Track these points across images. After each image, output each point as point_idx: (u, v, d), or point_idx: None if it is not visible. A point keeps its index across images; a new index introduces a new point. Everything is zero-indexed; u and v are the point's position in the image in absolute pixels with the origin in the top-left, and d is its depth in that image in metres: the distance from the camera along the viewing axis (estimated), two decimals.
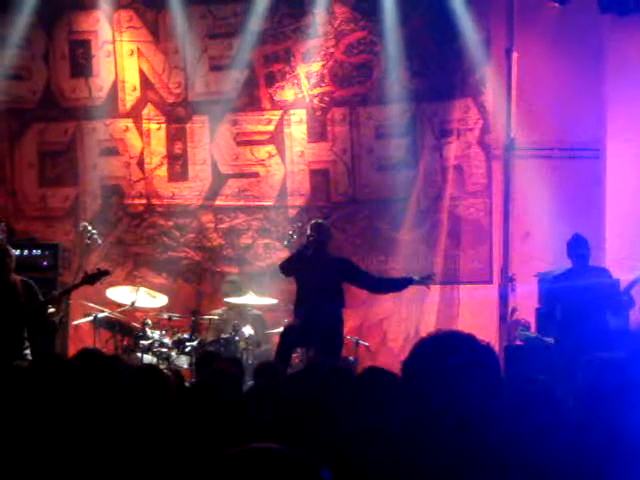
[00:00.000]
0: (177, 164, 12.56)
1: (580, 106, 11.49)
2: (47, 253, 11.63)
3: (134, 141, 12.59)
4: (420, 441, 2.53)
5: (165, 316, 11.25)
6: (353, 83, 12.17)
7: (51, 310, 9.06)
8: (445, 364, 2.53)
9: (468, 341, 2.60)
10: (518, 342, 10.81)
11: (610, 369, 4.69)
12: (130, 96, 12.59)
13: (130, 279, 12.29)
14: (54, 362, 4.46)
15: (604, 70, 11.56)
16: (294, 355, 10.04)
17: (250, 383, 7.40)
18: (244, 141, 12.42)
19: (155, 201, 12.58)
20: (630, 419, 4.07)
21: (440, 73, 11.74)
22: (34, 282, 8.89)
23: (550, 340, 9.95)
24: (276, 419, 3.61)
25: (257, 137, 12.38)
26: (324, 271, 9.55)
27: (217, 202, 12.49)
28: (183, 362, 10.56)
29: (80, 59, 12.65)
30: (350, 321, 11.20)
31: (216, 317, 11.36)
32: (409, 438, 2.58)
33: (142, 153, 12.58)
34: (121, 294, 11.09)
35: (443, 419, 2.51)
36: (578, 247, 9.81)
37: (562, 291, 9.71)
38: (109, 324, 10.92)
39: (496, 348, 10.41)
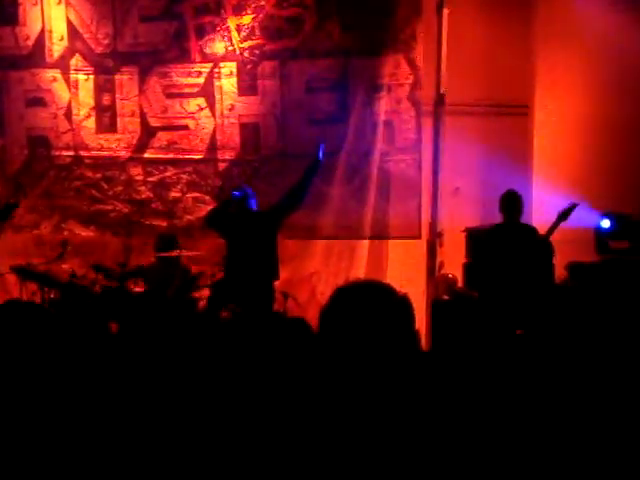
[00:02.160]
0: (105, 116, 12.41)
1: (509, 63, 11.59)
2: None
3: (62, 92, 12.40)
4: (334, 389, 2.56)
5: (93, 269, 11.19)
6: (284, 37, 12.10)
7: None
8: (361, 313, 2.56)
9: (384, 291, 2.63)
10: (445, 297, 10.94)
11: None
12: (57, 46, 12.38)
13: (57, 231, 12.20)
14: None
15: (534, 27, 11.66)
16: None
17: None
18: (174, 93, 12.30)
19: (83, 153, 12.43)
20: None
21: (371, 28, 11.71)
22: None
23: (476, 295, 10.09)
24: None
25: (187, 90, 12.27)
26: (253, 232, 9.62)
27: (146, 155, 12.38)
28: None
29: (6, 7, 12.42)
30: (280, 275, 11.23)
31: (143, 270, 11.32)
32: (323, 386, 2.61)
33: (70, 104, 12.41)
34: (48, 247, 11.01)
35: (357, 369, 2.54)
36: (510, 203, 9.93)
37: (490, 246, 9.83)
38: (36, 276, 10.83)
39: (423, 302, 10.56)
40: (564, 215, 9.65)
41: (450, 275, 11.19)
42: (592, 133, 11.47)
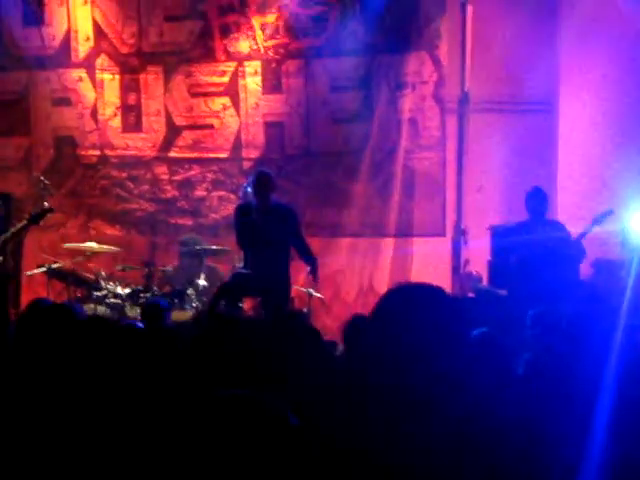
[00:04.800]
0: (131, 115, 12.48)
1: (534, 60, 11.55)
2: None
3: (87, 92, 12.49)
4: (384, 390, 2.55)
5: (118, 268, 11.26)
6: (308, 35, 12.11)
7: None
8: (415, 316, 2.53)
9: (438, 294, 2.60)
10: (470, 294, 10.92)
11: (559, 322, 4.76)
12: (83, 46, 12.47)
13: (84, 230, 12.27)
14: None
15: (558, 24, 11.62)
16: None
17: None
18: (198, 92, 12.35)
19: (109, 152, 12.51)
20: (579, 369, 4.14)
21: (395, 26, 11.70)
22: None
23: (502, 292, 10.06)
24: (233, 365, 3.64)
25: (212, 89, 12.32)
26: (269, 220, 9.49)
27: (171, 154, 12.44)
28: (136, 313, 10.54)
29: (32, 8, 12.50)
30: (303, 273, 11.24)
31: (170, 269, 11.38)
32: (372, 387, 2.61)
33: (95, 104, 12.49)
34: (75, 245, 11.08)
35: (408, 371, 2.53)
36: (536, 200, 9.90)
37: (516, 243, 9.81)
38: (62, 275, 10.89)
39: None
40: (598, 220, 9.61)
41: (475, 272, 11.17)
42: (617, 131, 11.42)
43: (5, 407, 3.71)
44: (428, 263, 11.59)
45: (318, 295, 11.07)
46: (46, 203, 9.65)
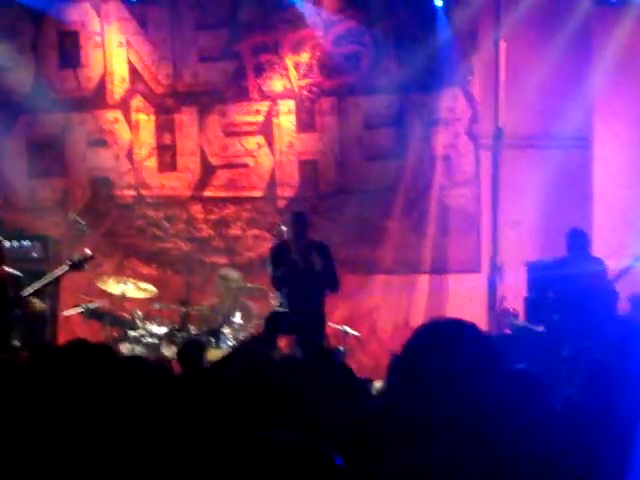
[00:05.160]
0: (166, 155, 12.55)
1: (568, 95, 11.53)
2: (36, 244, 11.63)
3: (123, 132, 12.57)
4: (417, 428, 2.53)
5: (155, 307, 11.28)
6: (341, 74, 12.17)
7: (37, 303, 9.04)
8: (447, 352, 2.50)
9: (470, 329, 2.57)
10: (507, 331, 10.85)
11: (597, 358, 4.72)
12: (119, 87, 12.57)
13: (120, 270, 12.29)
14: (50, 354, 4.45)
15: (591, 59, 11.61)
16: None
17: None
18: (233, 132, 12.42)
19: (144, 192, 12.57)
20: (618, 406, 4.10)
21: (428, 63, 11.73)
22: (22, 274, 8.87)
23: (539, 328, 9.99)
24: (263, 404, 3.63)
25: (246, 128, 12.38)
26: (305, 259, 9.53)
27: (206, 193, 12.49)
28: (173, 353, 10.55)
29: (68, 50, 12.63)
30: (339, 310, 11.23)
31: (205, 307, 11.38)
32: (407, 425, 2.59)
33: (131, 144, 12.57)
34: (111, 285, 11.10)
35: (440, 408, 2.51)
36: (575, 238, 9.86)
37: (553, 279, 9.75)
38: (99, 315, 10.92)
39: None
40: None
41: (511, 309, 11.10)
42: None
43: (38, 444, 3.71)
44: (464, 300, 11.53)
45: (354, 333, 11.06)
46: (87, 250, 9.64)
